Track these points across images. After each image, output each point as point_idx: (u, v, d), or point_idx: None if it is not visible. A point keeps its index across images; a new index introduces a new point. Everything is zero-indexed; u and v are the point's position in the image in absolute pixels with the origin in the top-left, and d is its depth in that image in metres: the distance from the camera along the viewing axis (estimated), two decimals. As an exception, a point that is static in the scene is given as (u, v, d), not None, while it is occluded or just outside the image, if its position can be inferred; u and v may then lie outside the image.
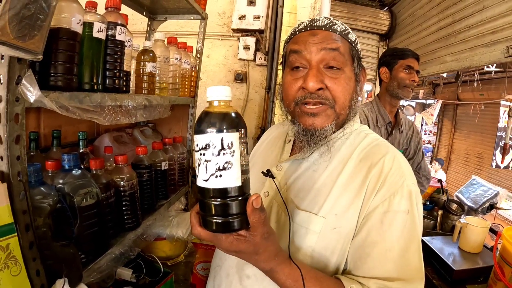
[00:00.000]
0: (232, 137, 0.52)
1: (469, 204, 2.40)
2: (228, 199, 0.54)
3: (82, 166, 0.83)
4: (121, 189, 1.00)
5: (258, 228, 0.56)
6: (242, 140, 0.54)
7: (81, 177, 0.81)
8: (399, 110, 1.98)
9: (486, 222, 1.72)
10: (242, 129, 0.54)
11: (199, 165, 0.54)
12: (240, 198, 0.54)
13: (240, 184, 0.53)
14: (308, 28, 0.77)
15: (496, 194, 2.35)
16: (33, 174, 0.69)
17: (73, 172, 0.80)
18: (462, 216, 2.08)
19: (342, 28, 0.77)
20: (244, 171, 0.54)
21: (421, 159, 2.02)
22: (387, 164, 0.73)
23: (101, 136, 1.42)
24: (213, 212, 0.54)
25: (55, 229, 0.74)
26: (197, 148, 0.54)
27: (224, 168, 0.52)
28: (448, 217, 2.17)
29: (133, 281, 1.20)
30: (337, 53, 0.74)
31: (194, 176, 0.60)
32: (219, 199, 0.54)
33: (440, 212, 2.21)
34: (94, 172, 0.90)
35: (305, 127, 0.76)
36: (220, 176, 0.52)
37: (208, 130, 0.52)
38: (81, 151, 1.08)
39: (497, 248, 1.45)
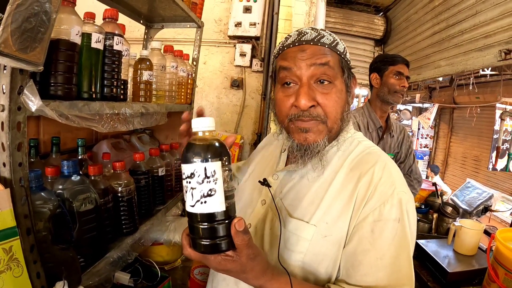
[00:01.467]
0: (214, 166, 0.55)
1: (463, 207, 2.42)
2: (214, 223, 0.56)
3: (81, 172, 0.85)
4: (119, 194, 1.02)
5: (243, 250, 0.58)
6: (225, 168, 0.57)
7: (80, 183, 0.83)
8: (390, 115, 2.01)
9: (480, 225, 1.73)
10: (225, 157, 0.57)
11: (186, 192, 0.57)
12: (226, 222, 0.57)
13: (224, 208, 0.56)
14: (297, 44, 0.76)
15: (491, 197, 2.37)
16: (33, 180, 0.71)
17: (72, 178, 0.82)
18: (457, 219, 2.10)
19: (330, 39, 0.76)
20: (228, 197, 0.57)
21: (412, 163, 2.05)
22: (377, 173, 0.73)
23: (99, 143, 1.43)
24: (201, 235, 0.57)
25: (55, 233, 0.76)
26: (184, 176, 0.57)
27: (208, 195, 0.55)
28: (443, 220, 2.19)
29: (130, 285, 1.21)
30: (327, 67, 0.74)
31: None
32: (205, 223, 0.57)
33: (435, 215, 2.24)
34: (92, 178, 0.92)
35: (299, 142, 0.76)
36: (205, 202, 0.55)
37: (193, 160, 0.55)
38: (80, 157, 1.09)
39: (491, 250, 1.46)
